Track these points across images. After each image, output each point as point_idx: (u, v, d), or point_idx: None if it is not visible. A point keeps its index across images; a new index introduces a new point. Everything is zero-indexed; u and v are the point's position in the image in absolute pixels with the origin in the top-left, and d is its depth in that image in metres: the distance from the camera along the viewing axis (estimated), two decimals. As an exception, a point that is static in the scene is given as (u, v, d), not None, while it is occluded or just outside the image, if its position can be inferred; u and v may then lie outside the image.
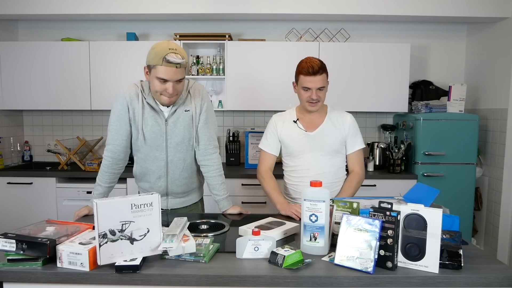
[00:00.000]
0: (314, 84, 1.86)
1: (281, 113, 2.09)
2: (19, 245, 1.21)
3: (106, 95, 3.32)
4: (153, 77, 1.68)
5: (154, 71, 1.66)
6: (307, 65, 1.85)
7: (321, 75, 1.86)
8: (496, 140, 3.24)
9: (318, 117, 1.99)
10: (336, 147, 1.98)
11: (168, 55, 1.62)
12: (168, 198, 1.94)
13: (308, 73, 1.85)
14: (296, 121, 2.00)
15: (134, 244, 1.23)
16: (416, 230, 1.20)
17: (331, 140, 1.97)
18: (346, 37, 3.59)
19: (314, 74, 1.84)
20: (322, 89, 1.90)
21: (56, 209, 3.18)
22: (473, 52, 3.58)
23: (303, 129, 1.98)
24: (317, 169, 1.96)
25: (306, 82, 1.87)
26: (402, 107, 3.37)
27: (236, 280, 1.18)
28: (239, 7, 3.19)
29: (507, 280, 1.18)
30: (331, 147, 1.97)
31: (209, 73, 3.46)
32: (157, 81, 1.67)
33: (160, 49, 1.64)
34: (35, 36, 3.67)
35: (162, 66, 1.63)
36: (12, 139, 3.58)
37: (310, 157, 1.97)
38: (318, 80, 1.85)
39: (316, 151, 1.97)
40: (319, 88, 1.88)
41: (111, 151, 1.83)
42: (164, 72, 1.64)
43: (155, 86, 1.69)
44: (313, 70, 1.84)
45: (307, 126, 1.99)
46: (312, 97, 1.88)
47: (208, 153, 1.91)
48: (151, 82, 1.72)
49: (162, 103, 1.76)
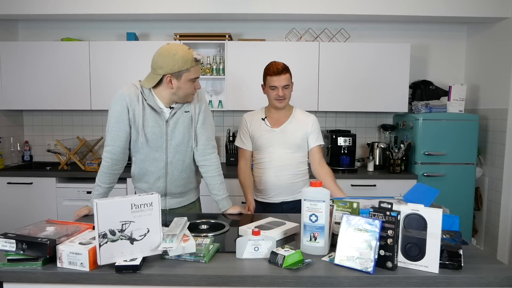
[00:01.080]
0: (279, 83, 2.09)
1: (251, 112, 2.29)
2: (19, 245, 1.21)
3: (106, 95, 3.32)
4: (185, 81, 1.73)
5: (187, 74, 1.72)
6: (272, 67, 2.10)
7: (285, 75, 2.09)
8: (496, 140, 3.24)
9: (284, 116, 2.21)
10: (298, 141, 2.18)
11: (194, 55, 1.72)
12: (167, 198, 1.94)
13: (274, 73, 2.09)
14: (264, 118, 2.21)
15: (134, 244, 1.23)
16: (416, 230, 1.20)
17: (293, 135, 2.17)
18: (346, 37, 3.59)
19: (278, 74, 2.08)
20: (287, 87, 2.12)
21: (56, 209, 3.18)
22: (473, 52, 3.58)
23: (269, 125, 2.19)
24: (279, 162, 2.17)
25: (272, 82, 2.10)
26: (402, 107, 3.37)
27: (236, 280, 1.18)
28: (239, 7, 3.20)
29: (507, 280, 1.18)
30: (293, 142, 2.17)
31: (209, 73, 3.46)
32: (189, 83, 1.75)
33: (184, 53, 1.70)
34: (35, 36, 3.67)
35: (194, 67, 1.74)
36: (12, 139, 3.58)
37: (274, 151, 2.17)
38: (283, 79, 2.08)
39: (280, 146, 2.17)
40: (284, 86, 2.10)
41: (110, 153, 1.81)
42: (196, 71, 1.76)
43: (188, 89, 1.76)
44: (277, 70, 2.09)
45: (273, 123, 2.20)
46: (279, 94, 2.10)
47: (207, 153, 1.91)
48: (181, 88, 1.74)
49: (189, 101, 1.84)
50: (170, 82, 1.72)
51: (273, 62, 2.14)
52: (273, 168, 2.17)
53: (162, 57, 1.69)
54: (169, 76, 1.70)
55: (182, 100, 1.80)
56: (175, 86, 1.73)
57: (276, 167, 2.17)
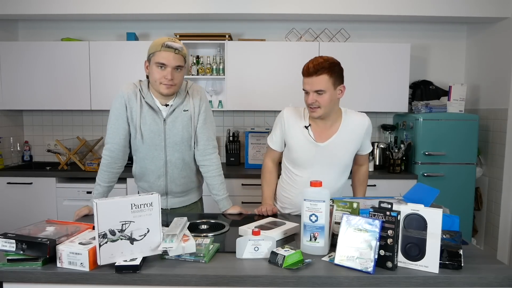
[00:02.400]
0: (309, 86, 1.65)
1: (294, 109, 1.84)
2: (19, 245, 1.21)
3: (106, 95, 3.32)
4: (153, 65, 1.72)
5: (153, 58, 1.71)
6: (306, 64, 1.67)
7: (318, 76, 1.62)
8: (496, 140, 3.24)
9: (331, 126, 1.76)
10: (347, 161, 1.79)
11: (167, 41, 1.70)
12: (168, 197, 1.94)
13: (304, 74, 1.68)
14: (307, 126, 1.76)
15: (134, 244, 1.23)
16: (416, 230, 1.20)
17: (342, 154, 1.77)
18: (346, 37, 3.59)
19: (309, 75, 1.64)
20: (321, 93, 1.64)
21: (56, 209, 3.18)
22: (473, 52, 3.58)
23: (313, 138, 1.75)
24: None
25: (303, 84, 1.69)
26: (402, 107, 3.37)
27: (236, 280, 1.18)
28: (239, 7, 3.19)
29: (507, 280, 1.18)
30: (342, 162, 1.78)
31: (209, 73, 3.46)
32: (156, 69, 1.71)
33: (159, 39, 1.72)
34: (35, 36, 3.67)
35: (161, 51, 1.69)
36: (12, 139, 3.57)
37: (314, 173, 1.75)
38: (314, 82, 1.63)
39: (323, 166, 1.77)
40: (316, 91, 1.64)
41: (109, 150, 1.83)
42: (163, 57, 1.69)
43: (154, 74, 1.72)
44: (308, 70, 1.65)
45: (318, 135, 1.75)
46: (309, 101, 1.67)
47: (207, 153, 1.91)
48: (150, 72, 1.75)
49: (161, 92, 1.75)
50: (147, 68, 1.78)
51: (313, 58, 1.67)
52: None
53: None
54: (146, 62, 1.77)
55: (156, 89, 1.75)
56: (148, 72, 1.77)
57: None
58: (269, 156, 1.97)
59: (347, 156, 1.79)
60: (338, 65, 1.69)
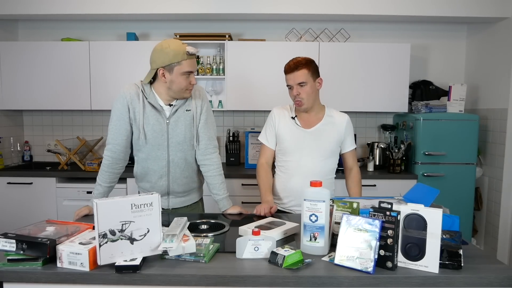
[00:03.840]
0: (292, 81, 1.87)
1: (281, 107, 2.06)
2: (19, 245, 1.21)
3: (106, 95, 3.32)
4: (177, 75, 1.72)
5: (179, 67, 1.71)
6: (287, 63, 1.89)
7: (299, 70, 1.84)
8: (496, 140, 3.24)
9: (315, 117, 1.98)
10: (332, 147, 1.97)
11: (187, 48, 1.71)
12: (169, 197, 1.94)
13: (286, 71, 1.89)
14: (294, 117, 1.98)
15: (134, 244, 1.23)
16: (416, 230, 1.20)
17: (327, 140, 1.95)
18: (346, 37, 3.59)
19: (291, 71, 1.86)
20: (303, 85, 1.86)
21: (56, 209, 3.18)
22: (473, 52, 3.58)
23: (300, 125, 1.96)
24: (307, 169, 1.93)
25: (287, 80, 1.90)
26: (402, 107, 3.37)
27: (236, 280, 1.18)
28: (239, 7, 3.20)
29: (507, 280, 1.18)
30: (327, 147, 1.95)
31: (209, 73, 3.46)
32: (182, 77, 1.73)
33: (176, 47, 1.70)
34: (35, 36, 3.67)
35: (186, 60, 1.71)
36: (12, 139, 3.57)
37: (303, 156, 1.94)
38: (296, 76, 1.85)
39: (311, 151, 1.94)
40: (299, 83, 1.85)
41: (111, 151, 1.83)
42: (189, 65, 1.73)
43: (181, 83, 1.74)
44: (289, 67, 1.87)
45: (304, 124, 1.97)
46: (294, 94, 1.89)
47: (208, 152, 1.92)
48: (174, 82, 1.74)
49: (185, 97, 1.82)
50: (163, 76, 1.74)
51: (293, 59, 1.91)
52: (300, 175, 1.93)
53: (156, 51, 1.73)
54: (162, 69, 1.73)
55: (178, 95, 1.80)
56: (168, 80, 1.75)
57: (303, 175, 1.91)
58: (263, 156, 2.07)
59: (332, 142, 1.96)
60: (314, 61, 1.92)
